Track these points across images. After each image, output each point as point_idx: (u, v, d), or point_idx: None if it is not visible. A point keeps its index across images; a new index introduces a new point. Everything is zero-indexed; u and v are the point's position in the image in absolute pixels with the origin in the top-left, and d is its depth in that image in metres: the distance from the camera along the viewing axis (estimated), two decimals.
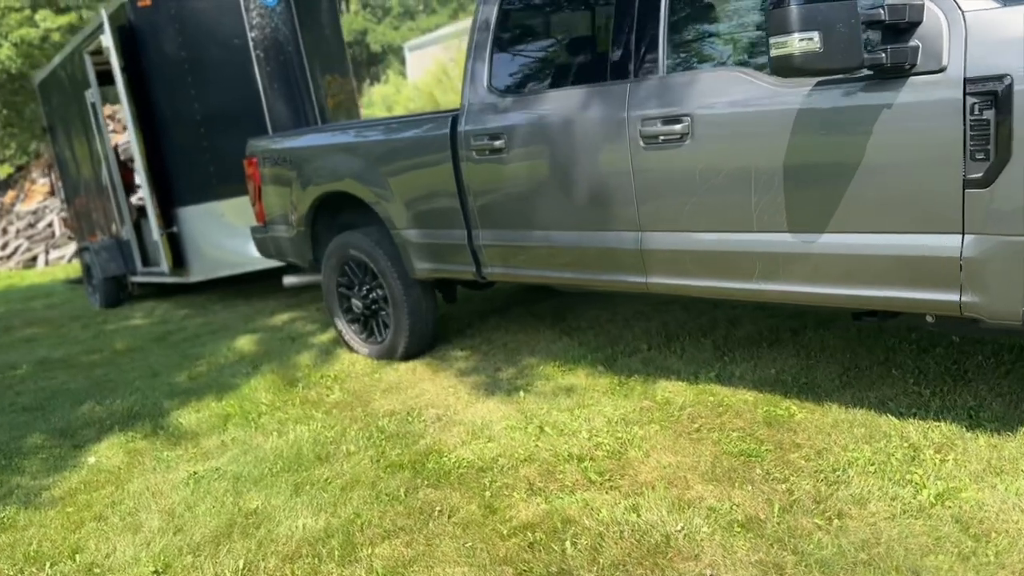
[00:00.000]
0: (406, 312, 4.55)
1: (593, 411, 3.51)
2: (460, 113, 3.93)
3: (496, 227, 3.88)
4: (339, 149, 4.65)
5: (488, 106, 3.79)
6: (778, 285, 2.93)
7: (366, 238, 4.65)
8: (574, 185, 3.46)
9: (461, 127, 3.89)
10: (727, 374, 3.69)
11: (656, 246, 3.24)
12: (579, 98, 3.40)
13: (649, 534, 2.54)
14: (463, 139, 3.88)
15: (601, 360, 4.13)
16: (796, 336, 4.02)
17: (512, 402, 3.77)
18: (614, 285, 3.51)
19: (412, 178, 4.23)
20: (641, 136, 3.14)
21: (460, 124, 3.90)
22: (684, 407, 3.41)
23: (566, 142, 3.44)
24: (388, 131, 4.39)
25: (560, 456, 3.15)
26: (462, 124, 3.89)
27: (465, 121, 3.88)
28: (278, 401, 4.32)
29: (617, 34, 3.26)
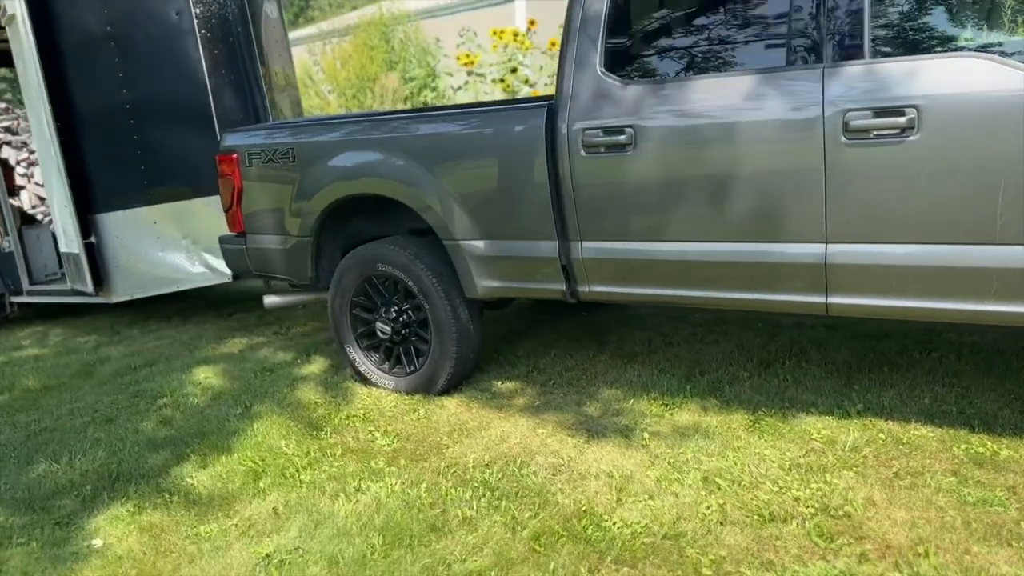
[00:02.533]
0: (454, 337, 3.83)
1: (750, 455, 2.99)
2: (559, 103, 3.30)
3: (606, 238, 3.27)
4: (373, 144, 3.87)
5: (603, 95, 3.19)
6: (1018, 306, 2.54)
7: (401, 250, 3.89)
8: (732, 189, 2.93)
9: (563, 119, 3.27)
10: (875, 404, 3.28)
11: (848, 260, 2.77)
12: (746, 86, 2.89)
13: None
14: (566, 134, 3.25)
15: (705, 391, 3.61)
16: (914, 358, 3.68)
17: (636, 446, 3.17)
18: (775, 305, 3.00)
19: (481, 179, 3.54)
20: (844, 130, 2.67)
21: (561, 116, 3.28)
22: (858, 447, 2.96)
23: (725, 139, 2.91)
24: (448, 124, 3.67)
25: (757, 516, 2.60)
26: (564, 116, 3.26)
27: (570, 113, 3.25)
28: (311, 451, 3.48)
29: (798, 11, 2.78)
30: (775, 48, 2.86)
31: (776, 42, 2.87)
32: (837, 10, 2.71)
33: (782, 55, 2.83)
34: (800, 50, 2.79)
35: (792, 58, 2.80)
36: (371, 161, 3.85)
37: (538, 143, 3.33)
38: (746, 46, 2.99)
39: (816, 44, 2.75)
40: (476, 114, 3.61)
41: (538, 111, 3.36)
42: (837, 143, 2.69)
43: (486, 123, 3.52)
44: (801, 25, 2.79)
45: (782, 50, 2.83)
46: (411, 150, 3.71)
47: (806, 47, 2.77)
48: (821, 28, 2.74)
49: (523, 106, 3.49)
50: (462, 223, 3.63)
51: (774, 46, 2.86)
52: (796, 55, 2.80)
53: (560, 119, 3.28)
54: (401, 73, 16.70)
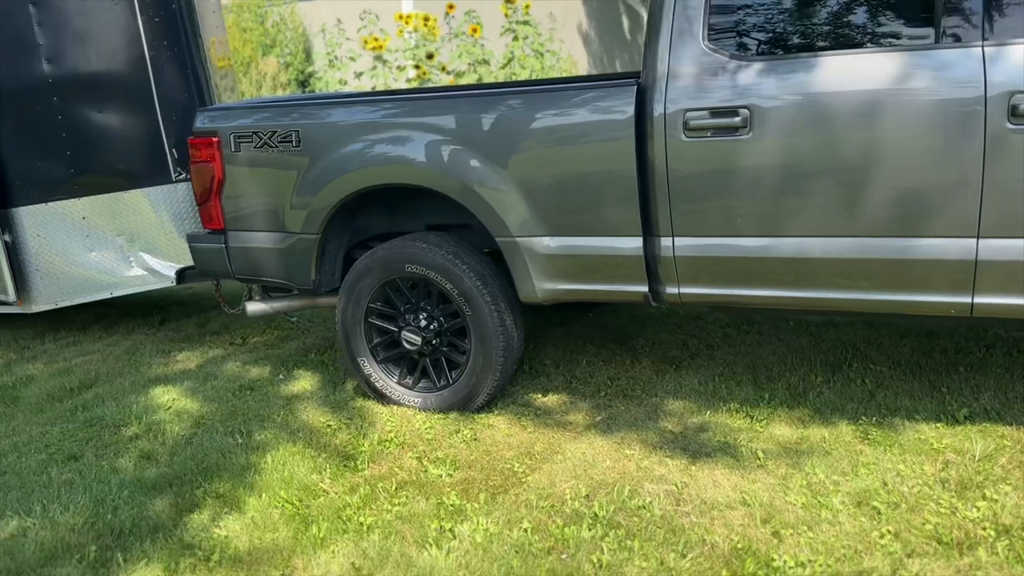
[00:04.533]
0: (500, 347, 3.38)
1: (885, 472, 2.73)
2: (651, 81, 2.92)
3: (708, 234, 2.92)
4: (411, 127, 3.34)
5: (711, 72, 2.83)
6: None
7: (437, 249, 3.40)
8: (869, 179, 2.65)
9: (658, 100, 2.88)
10: (978, 408, 3.10)
11: (1002, 257, 2.55)
12: (889, 66, 2.60)
13: None
14: (662, 116, 2.87)
15: (786, 399, 3.34)
16: (977, 355, 3.55)
17: (752, 467, 2.84)
18: (909, 307, 2.75)
19: (550, 168, 3.11)
20: (1010, 115, 2.43)
21: (655, 96, 2.89)
22: (991, 456, 2.76)
23: (863, 123, 2.63)
24: (509, 105, 3.19)
25: (938, 543, 2.33)
26: (660, 96, 2.88)
27: (667, 92, 2.87)
28: (357, 487, 2.95)
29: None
30: (919, 23, 2.59)
31: (920, 17, 2.60)
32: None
33: (936, 31, 2.56)
34: (954, 27, 2.53)
35: (945, 36, 2.54)
36: (407, 147, 3.32)
37: (625, 127, 2.94)
38: (888, 19, 2.71)
39: (971, 19, 2.50)
40: (545, 94, 3.16)
41: (625, 90, 2.96)
42: (1002, 129, 2.45)
43: (559, 104, 3.09)
44: None
45: (933, 25, 2.56)
46: (461, 135, 3.22)
47: (963, 23, 2.51)
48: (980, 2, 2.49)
49: (604, 85, 3.07)
50: (521, 218, 3.18)
51: (922, 21, 2.59)
52: (949, 32, 2.53)
53: (654, 99, 2.89)
54: (278, 57, 15.74)
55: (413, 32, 12.06)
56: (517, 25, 11.50)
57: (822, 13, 2.79)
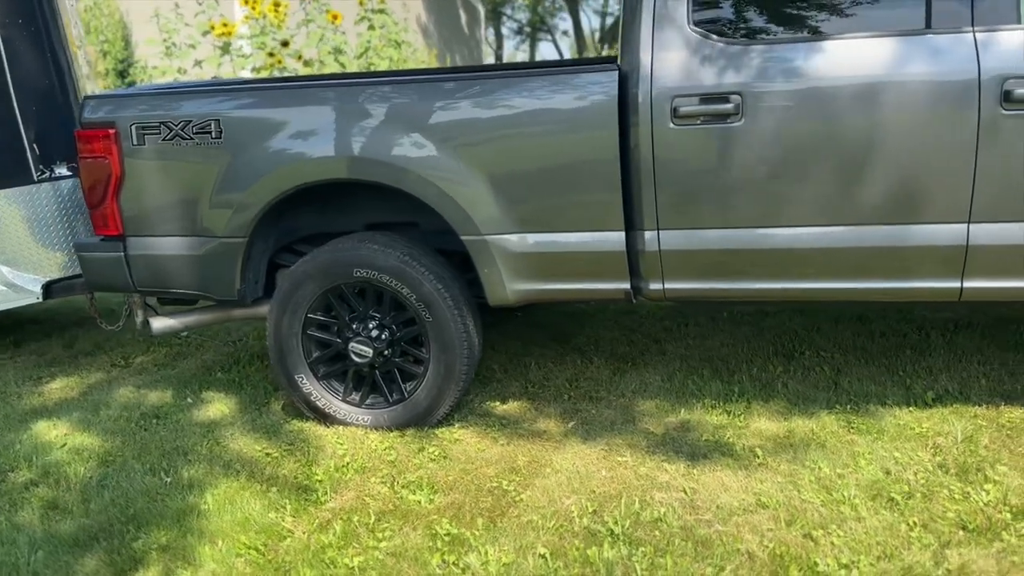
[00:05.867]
0: (464, 354, 3.12)
1: (886, 461, 2.72)
2: (633, 66, 2.76)
3: (697, 225, 2.80)
4: (363, 115, 2.98)
5: (699, 56, 2.70)
6: None
7: (389, 251, 3.08)
8: (867, 167, 2.62)
9: (642, 86, 2.72)
10: (943, 391, 3.17)
11: (995, 241, 2.59)
12: (884, 50, 2.58)
13: None
14: (648, 102, 2.72)
15: (757, 392, 3.29)
16: (914, 338, 3.67)
17: (753, 465, 2.75)
18: (899, 293, 2.74)
19: (523, 161, 2.88)
20: (1003, 101, 2.46)
21: (639, 82, 2.73)
22: (972, 437, 2.82)
23: (857, 109, 2.59)
24: (478, 92, 2.92)
25: (964, 530, 2.33)
26: (645, 82, 2.72)
27: (653, 76, 2.72)
28: (329, 523, 2.60)
29: None
30: (915, 7, 2.57)
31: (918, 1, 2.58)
32: None
33: (926, 15, 2.55)
34: (943, 12, 2.53)
35: (935, 21, 2.54)
36: (357, 137, 2.98)
37: (607, 114, 2.76)
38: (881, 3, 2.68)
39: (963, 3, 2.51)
40: (515, 79, 2.91)
41: (607, 75, 2.78)
42: (994, 114, 2.48)
43: (534, 89, 2.85)
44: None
45: (922, 11, 2.55)
46: (421, 124, 2.92)
47: (951, 7, 2.52)
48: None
49: (584, 69, 2.87)
50: (491, 214, 2.93)
51: (913, 5, 2.57)
52: (938, 17, 2.53)
53: (638, 85, 2.73)
54: (94, 44, 14.43)
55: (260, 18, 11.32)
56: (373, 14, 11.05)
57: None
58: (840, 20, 2.69)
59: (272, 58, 11.25)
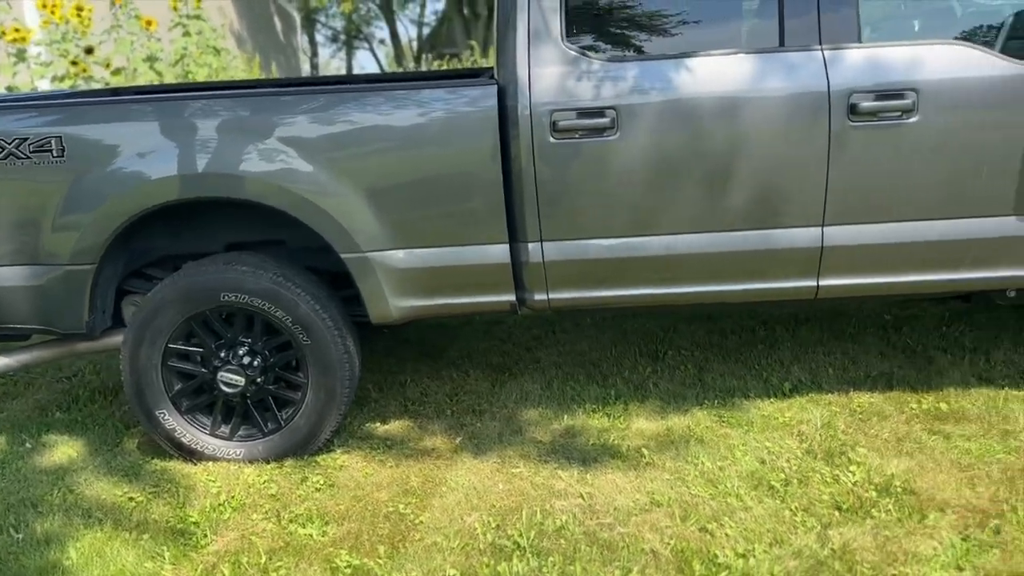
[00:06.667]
0: (346, 376, 3.02)
1: (760, 451, 2.90)
2: (509, 80, 2.78)
3: (578, 236, 2.86)
4: (229, 129, 2.81)
5: (574, 72, 2.77)
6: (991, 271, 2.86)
7: (261, 272, 2.93)
8: (732, 175, 2.78)
9: (521, 100, 2.76)
10: (798, 381, 3.42)
11: (845, 242, 2.83)
12: (745, 66, 2.75)
13: None
14: (528, 117, 2.75)
15: (632, 393, 3.41)
16: (777, 334, 3.94)
17: (642, 465, 2.85)
18: (766, 293, 2.93)
19: (404, 173, 2.84)
20: (850, 113, 2.70)
21: (518, 95, 2.76)
22: (830, 423, 3.05)
23: (721, 121, 2.75)
24: (354, 104, 2.83)
25: (840, 511, 2.52)
26: (523, 95, 2.76)
27: (531, 90, 2.76)
28: (217, 566, 2.44)
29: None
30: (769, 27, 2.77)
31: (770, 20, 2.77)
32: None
33: (780, 35, 2.75)
34: (795, 33, 2.74)
35: (789, 40, 2.74)
36: (227, 153, 2.81)
37: (487, 128, 2.77)
38: (740, 22, 2.85)
39: (809, 27, 2.73)
40: (397, 92, 2.84)
41: (485, 89, 2.78)
42: (841, 125, 2.71)
43: (413, 103, 2.81)
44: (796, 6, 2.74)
45: (777, 31, 2.75)
46: (297, 139, 2.81)
47: (801, 29, 2.73)
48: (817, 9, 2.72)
49: (464, 83, 2.86)
50: (372, 230, 2.86)
51: (768, 24, 2.77)
52: (791, 37, 2.74)
53: (517, 100, 2.76)
54: None
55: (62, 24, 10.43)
56: (188, 20, 10.47)
57: (679, 16, 2.86)
58: (704, 38, 2.84)
59: (76, 67, 10.38)
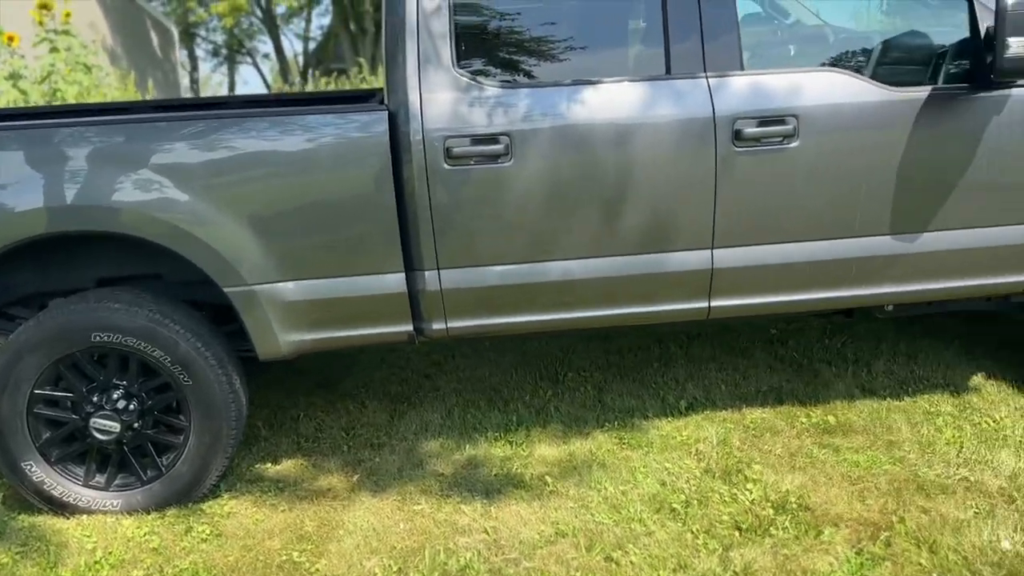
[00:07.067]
0: (233, 416, 2.87)
1: (660, 473, 2.91)
2: (400, 106, 2.71)
3: (476, 263, 2.81)
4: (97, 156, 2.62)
5: (466, 97, 2.72)
6: (871, 288, 2.98)
7: (136, 309, 2.75)
8: (625, 200, 2.79)
9: (414, 126, 2.69)
10: (692, 399, 3.47)
11: (734, 264, 2.89)
12: (634, 93, 2.78)
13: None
14: (421, 143, 2.69)
15: (534, 419, 3.37)
16: (671, 351, 4.00)
17: (545, 494, 2.81)
18: (661, 316, 2.96)
19: (292, 202, 2.72)
20: (734, 139, 2.77)
21: (410, 121, 2.70)
22: (726, 440, 3.11)
23: (613, 147, 2.76)
24: (234, 128, 2.69)
25: (740, 531, 2.56)
26: (416, 122, 2.69)
27: (424, 117, 2.70)
28: None
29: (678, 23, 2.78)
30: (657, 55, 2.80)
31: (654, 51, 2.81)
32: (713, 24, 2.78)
33: (666, 63, 2.79)
34: (682, 60, 2.78)
35: (676, 67, 2.78)
36: (97, 182, 2.62)
37: (379, 155, 2.69)
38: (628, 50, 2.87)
39: (695, 54, 2.78)
40: (277, 117, 2.72)
41: (375, 115, 2.70)
42: (729, 151, 2.77)
43: (300, 129, 2.70)
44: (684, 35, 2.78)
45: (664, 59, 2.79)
46: (175, 167, 2.65)
47: (688, 57, 2.78)
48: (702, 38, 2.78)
49: (349, 108, 2.76)
50: (258, 262, 2.72)
51: (657, 55, 2.80)
52: (679, 64, 2.78)
53: (410, 127, 2.69)
54: None
55: None
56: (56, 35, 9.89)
57: (570, 43, 2.87)
58: (595, 65, 2.85)
59: None
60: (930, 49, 2.99)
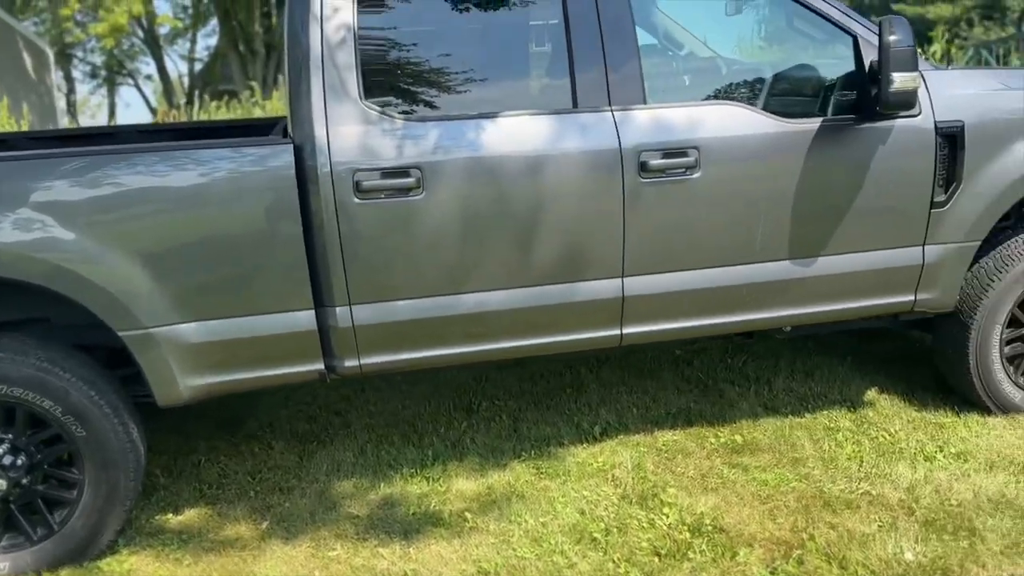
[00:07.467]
0: (131, 467, 2.72)
1: (579, 502, 2.92)
2: (307, 139, 2.65)
3: (389, 298, 2.76)
4: None
5: (375, 130, 2.68)
6: (771, 312, 3.09)
7: (22, 357, 2.58)
8: (537, 232, 2.81)
9: (321, 160, 2.63)
10: (606, 423, 3.50)
11: (643, 291, 2.95)
12: (542, 126, 2.80)
13: None
14: (330, 176, 2.63)
15: (454, 452, 3.33)
16: (582, 376, 4.03)
17: (466, 531, 2.77)
18: (575, 344, 2.98)
19: (191, 239, 2.61)
20: (640, 171, 2.83)
21: (317, 155, 2.63)
22: (640, 465, 3.15)
23: (524, 179, 2.77)
24: (125, 162, 2.55)
25: (660, 556, 2.59)
26: (323, 155, 2.63)
27: (331, 150, 2.64)
28: None
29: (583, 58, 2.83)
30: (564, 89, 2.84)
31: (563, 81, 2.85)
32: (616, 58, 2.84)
33: (572, 97, 2.82)
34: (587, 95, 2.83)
35: (582, 101, 2.82)
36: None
37: (285, 189, 2.61)
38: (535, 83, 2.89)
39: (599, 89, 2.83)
40: (180, 151, 2.61)
41: (280, 148, 2.63)
42: (635, 182, 2.83)
43: (198, 163, 2.59)
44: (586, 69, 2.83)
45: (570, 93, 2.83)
46: (58, 205, 2.50)
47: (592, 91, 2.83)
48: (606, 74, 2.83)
49: (251, 143, 2.68)
50: (155, 303, 2.60)
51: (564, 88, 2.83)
52: (584, 98, 2.83)
53: (317, 160, 2.63)
54: None
55: None
56: None
57: (479, 77, 2.87)
58: (504, 99, 2.86)
59: None
60: (819, 82, 3.15)
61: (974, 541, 2.55)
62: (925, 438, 3.22)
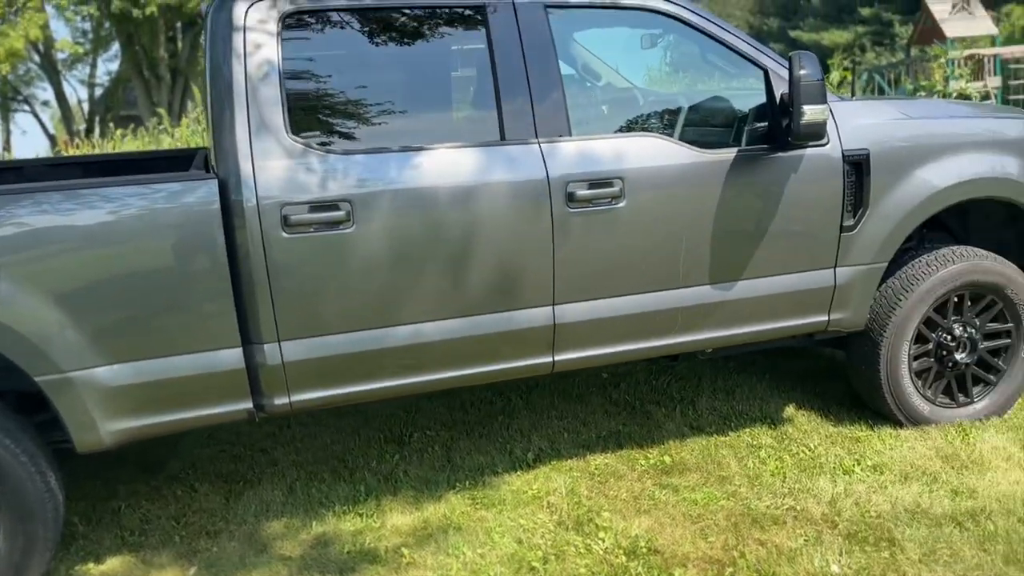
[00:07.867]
0: (50, 517, 2.61)
1: (516, 531, 2.92)
2: (231, 173, 2.61)
3: (320, 332, 2.73)
4: None
5: (302, 164, 2.66)
6: (696, 335, 3.19)
7: None
8: (469, 262, 2.83)
9: (247, 194, 2.59)
10: (538, 450, 3.53)
11: (574, 318, 3.00)
12: (471, 159, 2.83)
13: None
14: (257, 211, 2.60)
15: (378, 487, 3.28)
16: (513, 402, 4.05)
17: (403, 567, 2.74)
18: (508, 373, 3.00)
19: (110, 279, 2.53)
20: (568, 201, 2.89)
21: (243, 190, 2.59)
22: (574, 490, 3.18)
23: (455, 211, 2.80)
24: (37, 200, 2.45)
25: None
26: (248, 190, 2.60)
27: (257, 185, 2.60)
28: None
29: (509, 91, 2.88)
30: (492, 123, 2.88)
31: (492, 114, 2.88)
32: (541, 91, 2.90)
33: (499, 130, 2.87)
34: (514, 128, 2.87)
35: (509, 134, 2.87)
36: None
37: (210, 226, 2.56)
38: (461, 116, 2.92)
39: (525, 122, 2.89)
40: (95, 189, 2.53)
41: (203, 184, 2.58)
42: (562, 211, 2.88)
43: (115, 199, 2.52)
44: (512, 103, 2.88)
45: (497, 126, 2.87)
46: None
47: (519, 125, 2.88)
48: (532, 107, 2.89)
49: (174, 178, 2.61)
50: (72, 346, 2.50)
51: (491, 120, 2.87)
52: (511, 131, 2.87)
53: (241, 194, 2.59)
54: None
55: None
56: None
57: (406, 111, 2.88)
58: (431, 132, 2.89)
59: None
60: (733, 113, 3.28)
61: (894, 551, 2.67)
62: (843, 452, 3.35)
